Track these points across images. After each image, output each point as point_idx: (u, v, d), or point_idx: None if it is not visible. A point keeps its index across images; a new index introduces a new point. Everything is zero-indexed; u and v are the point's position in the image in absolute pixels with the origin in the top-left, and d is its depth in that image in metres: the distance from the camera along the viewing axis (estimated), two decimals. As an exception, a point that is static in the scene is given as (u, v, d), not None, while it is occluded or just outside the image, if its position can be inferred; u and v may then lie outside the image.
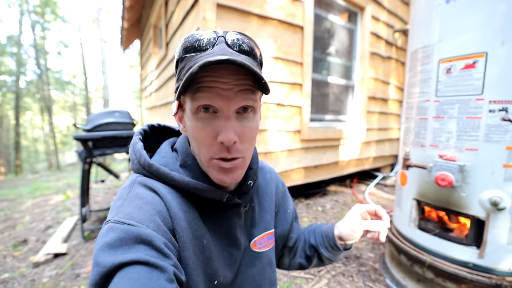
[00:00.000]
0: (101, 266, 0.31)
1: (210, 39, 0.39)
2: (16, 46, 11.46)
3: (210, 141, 0.40)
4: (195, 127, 0.40)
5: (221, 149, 0.40)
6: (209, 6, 1.76)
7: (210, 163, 0.42)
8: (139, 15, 4.74)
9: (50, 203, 3.46)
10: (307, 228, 0.68)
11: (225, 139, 0.38)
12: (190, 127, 0.42)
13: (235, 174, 0.42)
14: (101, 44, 9.66)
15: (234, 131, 0.39)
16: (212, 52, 0.38)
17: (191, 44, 0.40)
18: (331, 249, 0.60)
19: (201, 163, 0.44)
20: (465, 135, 1.03)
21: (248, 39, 0.42)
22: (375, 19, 3.01)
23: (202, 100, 0.38)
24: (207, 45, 0.39)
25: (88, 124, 2.18)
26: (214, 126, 0.39)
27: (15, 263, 1.84)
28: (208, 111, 0.39)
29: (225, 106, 0.39)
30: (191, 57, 0.39)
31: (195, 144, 0.43)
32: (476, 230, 1.05)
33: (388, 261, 1.47)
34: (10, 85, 12.07)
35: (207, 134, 0.40)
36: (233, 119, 0.40)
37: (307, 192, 2.77)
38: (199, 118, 0.40)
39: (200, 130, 0.40)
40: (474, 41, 1.00)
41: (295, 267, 0.67)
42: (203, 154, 0.42)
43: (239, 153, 0.41)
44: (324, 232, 0.62)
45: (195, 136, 0.41)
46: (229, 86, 0.38)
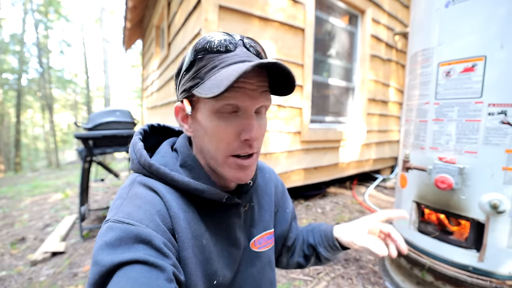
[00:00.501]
0: (101, 265, 0.31)
1: (231, 41, 0.41)
2: (19, 44, 11.51)
3: (232, 139, 0.41)
4: (217, 126, 0.41)
5: (242, 146, 0.42)
6: (211, 7, 1.77)
7: (227, 160, 0.43)
8: (141, 15, 4.76)
9: (49, 201, 3.46)
10: (306, 228, 0.68)
11: (253, 136, 0.41)
12: (208, 127, 0.41)
13: (250, 171, 0.44)
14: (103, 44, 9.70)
15: (257, 128, 0.42)
16: (236, 54, 0.40)
17: (209, 45, 0.40)
18: (330, 248, 0.60)
19: (215, 162, 0.44)
20: (465, 138, 1.04)
21: (255, 43, 0.44)
22: (376, 22, 3.03)
23: (229, 99, 0.39)
24: (229, 46, 0.40)
25: (89, 123, 2.18)
26: (237, 125, 0.41)
27: (13, 261, 1.83)
28: (231, 111, 0.41)
29: (251, 106, 0.41)
30: (213, 57, 0.40)
31: (212, 144, 0.42)
32: (476, 233, 1.05)
33: (388, 263, 1.47)
34: (12, 83, 12.10)
35: (229, 132, 0.41)
36: (254, 118, 0.42)
37: (306, 193, 2.77)
38: (221, 117, 0.40)
39: (222, 129, 0.41)
40: (473, 45, 1.01)
41: (293, 266, 0.67)
42: (221, 152, 0.42)
43: (256, 149, 0.44)
44: (323, 232, 0.62)
45: (215, 135, 0.41)
46: (254, 86, 0.40)
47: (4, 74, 11.87)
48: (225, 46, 0.40)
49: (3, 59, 11.52)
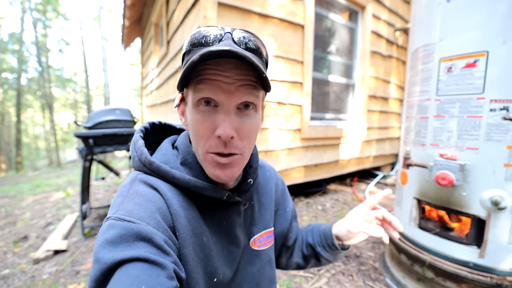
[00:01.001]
0: (102, 263, 0.31)
1: (216, 35, 0.39)
2: (17, 43, 11.47)
3: (208, 134, 0.40)
4: (195, 120, 0.40)
5: (217, 143, 0.40)
6: (210, 4, 1.75)
7: (206, 157, 0.41)
8: (140, 13, 4.73)
9: (50, 200, 3.47)
10: (305, 228, 0.68)
11: (223, 133, 0.38)
12: (190, 120, 0.42)
13: (230, 171, 0.42)
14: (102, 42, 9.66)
15: (233, 126, 0.39)
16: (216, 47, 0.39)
17: (198, 40, 0.40)
18: (329, 248, 0.59)
19: (198, 157, 0.44)
20: (466, 134, 1.03)
21: (254, 37, 0.42)
22: (376, 17, 3.00)
23: (203, 92, 0.38)
24: (213, 41, 0.39)
25: (89, 122, 2.18)
26: (214, 120, 0.39)
27: (16, 259, 1.84)
28: (209, 105, 0.39)
29: (226, 100, 0.38)
30: (197, 50, 0.39)
31: (194, 138, 0.42)
32: (476, 229, 1.04)
33: (388, 260, 1.47)
34: (12, 82, 12.08)
35: (206, 127, 0.40)
36: (233, 114, 0.39)
37: (307, 190, 2.77)
38: (199, 111, 0.40)
39: (200, 123, 0.40)
40: (475, 40, 1.00)
41: (293, 267, 0.67)
42: (200, 147, 0.42)
43: (237, 149, 0.41)
44: (322, 231, 0.62)
45: (194, 129, 0.41)
46: (231, 80, 0.38)
47: (4, 73, 11.85)
48: (208, 40, 0.39)
49: (2, 59, 11.49)
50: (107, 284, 0.31)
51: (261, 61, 0.42)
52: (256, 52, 0.41)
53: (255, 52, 0.41)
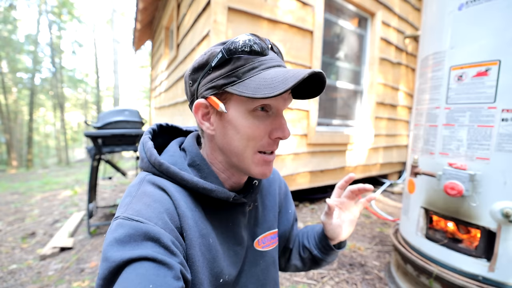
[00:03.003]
0: (110, 261, 0.32)
1: (264, 45, 0.42)
2: (33, 44, 11.86)
3: (262, 137, 0.44)
4: (251, 124, 0.42)
5: (270, 143, 0.45)
6: (220, 9, 1.78)
7: (254, 158, 0.44)
8: (151, 17, 4.84)
9: (58, 197, 3.54)
10: (302, 230, 0.68)
11: (286, 135, 0.44)
12: (243, 125, 0.42)
13: (271, 166, 0.47)
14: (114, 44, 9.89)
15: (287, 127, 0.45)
16: (272, 58, 0.43)
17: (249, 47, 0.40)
18: (324, 249, 0.60)
19: (241, 159, 0.44)
20: (476, 144, 1.01)
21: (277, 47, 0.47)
22: (386, 24, 3.00)
23: (267, 100, 0.41)
24: (263, 50, 0.42)
25: (99, 122, 2.23)
26: (269, 124, 0.44)
27: (23, 255, 1.88)
28: (263, 110, 0.43)
29: (282, 106, 0.44)
30: (252, 58, 0.41)
31: (242, 141, 0.43)
32: (486, 242, 1.02)
33: (394, 270, 1.44)
34: (26, 82, 12.48)
35: (261, 131, 0.43)
36: (283, 117, 0.46)
37: (312, 196, 2.75)
38: (256, 116, 0.42)
39: (256, 128, 0.43)
40: (487, 49, 0.98)
41: (292, 269, 0.68)
42: (250, 149, 0.44)
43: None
44: (316, 234, 0.62)
45: (247, 133, 0.42)
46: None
47: (19, 73, 12.25)
48: (260, 48, 0.41)
49: (18, 59, 11.88)
50: (115, 282, 0.31)
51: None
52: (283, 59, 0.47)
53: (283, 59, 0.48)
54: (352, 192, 0.56)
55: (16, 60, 11.76)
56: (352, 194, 0.57)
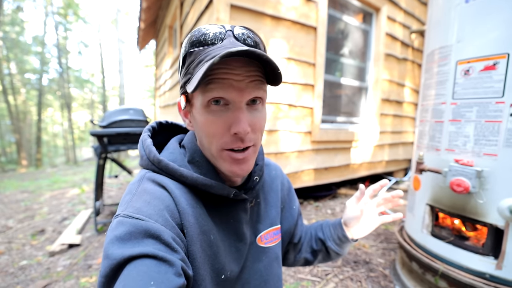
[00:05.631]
0: (111, 259, 0.32)
1: (217, 33, 0.39)
2: (40, 45, 12.06)
3: (222, 133, 0.40)
4: (207, 120, 0.41)
5: (233, 140, 0.41)
6: (223, 7, 1.78)
7: (221, 154, 0.42)
8: (155, 16, 4.86)
9: (66, 196, 3.61)
10: (314, 224, 0.69)
11: (241, 130, 0.39)
12: (200, 121, 0.42)
13: (246, 165, 0.43)
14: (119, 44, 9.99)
15: (247, 121, 0.40)
16: (223, 45, 0.38)
17: (197, 38, 0.40)
18: (339, 241, 0.62)
19: (211, 156, 0.44)
20: (484, 140, 0.99)
21: (253, 34, 0.42)
22: (391, 19, 2.95)
23: (214, 92, 0.38)
24: (215, 39, 0.39)
25: (104, 121, 2.25)
26: (227, 118, 0.40)
27: (33, 252, 1.93)
28: (218, 104, 0.40)
29: (238, 98, 0.39)
30: (200, 51, 0.39)
31: (206, 138, 0.42)
32: (493, 239, 1.00)
33: (399, 267, 1.43)
34: (34, 83, 12.72)
35: (219, 126, 0.40)
36: (245, 110, 0.40)
37: (317, 194, 2.74)
38: (210, 111, 0.40)
39: (212, 123, 0.40)
40: (495, 42, 0.96)
41: (301, 263, 0.68)
42: (214, 146, 0.42)
43: (251, 141, 0.43)
44: (332, 225, 0.64)
45: (206, 130, 0.41)
46: (241, 77, 0.38)
47: (27, 74, 12.48)
48: (212, 38, 0.39)
49: (26, 60, 12.10)
50: (116, 280, 0.32)
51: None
52: (257, 47, 0.42)
53: (256, 47, 0.42)
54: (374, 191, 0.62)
55: (24, 61, 11.98)
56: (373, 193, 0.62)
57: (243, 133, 0.39)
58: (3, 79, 10.80)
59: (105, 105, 13.81)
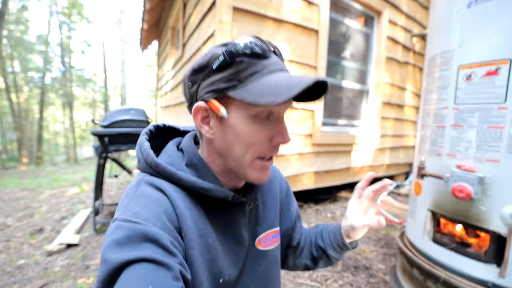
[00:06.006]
0: (109, 263, 0.32)
1: (266, 48, 0.41)
2: (44, 44, 12.14)
3: (263, 142, 0.43)
4: (253, 130, 0.42)
5: (270, 149, 0.44)
6: (226, 9, 1.78)
7: (253, 163, 0.44)
8: (158, 17, 4.89)
9: (66, 194, 3.61)
10: (313, 229, 0.67)
11: (287, 141, 0.44)
12: (242, 131, 0.41)
13: (269, 171, 0.47)
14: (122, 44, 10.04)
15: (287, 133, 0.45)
16: (274, 62, 0.42)
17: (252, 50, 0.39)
18: (339, 249, 0.60)
19: (240, 165, 0.44)
20: (486, 145, 0.98)
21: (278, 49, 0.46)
22: (393, 23, 2.95)
23: (270, 106, 0.41)
24: (266, 53, 0.41)
25: (105, 121, 2.26)
26: (270, 129, 0.43)
27: (31, 251, 1.92)
28: (264, 115, 0.42)
29: (283, 112, 0.44)
30: (255, 62, 0.40)
31: (241, 147, 0.42)
32: (496, 246, 0.98)
33: (400, 274, 1.41)
34: (37, 81, 12.79)
35: (263, 136, 0.43)
36: (284, 122, 0.45)
37: (317, 197, 2.73)
38: (257, 122, 0.42)
39: (257, 134, 0.42)
40: (497, 47, 0.95)
41: (301, 268, 0.67)
42: (249, 155, 0.43)
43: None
44: (331, 233, 0.61)
45: (247, 139, 0.42)
46: None
47: (30, 72, 12.55)
48: (263, 51, 0.40)
49: (29, 59, 12.18)
50: (114, 285, 0.31)
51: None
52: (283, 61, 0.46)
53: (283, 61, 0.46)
54: (373, 192, 0.56)
55: (28, 59, 12.06)
56: (372, 194, 0.56)
57: (287, 143, 0.44)
58: (7, 77, 10.87)
59: (106, 105, 13.86)
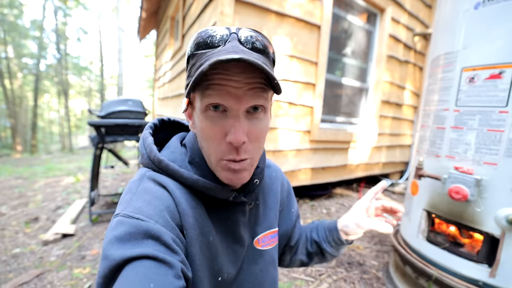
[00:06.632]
0: (110, 259, 0.32)
1: (222, 36, 0.38)
2: (38, 30, 11.81)
3: (219, 140, 0.39)
4: (204, 126, 0.40)
5: (230, 149, 0.39)
6: (228, 1, 1.74)
7: (219, 163, 0.41)
8: (157, 5, 4.77)
9: (61, 184, 3.58)
10: (309, 225, 0.68)
11: (234, 140, 0.37)
12: (199, 126, 0.41)
13: (242, 175, 0.42)
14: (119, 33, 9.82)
15: (243, 131, 0.38)
16: (224, 49, 0.37)
17: (204, 40, 0.38)
18: (334, 243, 0.61)
19: (210, 162, 0.43)
20: (485, 148, 0.99)
21: (262, 37, 0.40)
22: (395, 21, 2.92)
23: (211, 98, 0.37)
24: (219, 41, 0.38)
25: (102, 111, 2.22)
26: (223, 126, 0.39)
27: (26, 240, 1.91)
28: (217, 110, 0.38)
29: (235, 105, 0.37)
30: (202, 54, 0.38)
31: (204, 143, 0.42)
32: (489, 247, 1.01)
33: (392, 270, 1.44)
34: (31, 68, 12.49)
35: (216, 133, 0.39)
36: (243, 119, 0.38)
37: (312, 193, 2.75)
38: (208, 117, 0.39)
39: (209, 129, 0.39)
40: (502, 51, 0.95)
41: (296, 264, 0.68)
42: (212, 153, 0.41)
43: (248, 153, 0.41)
44: (327, 227, 0.63)
45: (204, 135, 0.41)
46: (239, 84, 0.37)
47: (24, 58, 12.24)
48: (214, 41, 0.37)
49: (23, 44, 11.86)
50: (115, 281, 0.31)
51: (269, 61, 0.41)
52: (263, 52, 0.40)
53: (262, 52, 0.39)
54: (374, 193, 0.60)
55: (22, 45, 11.74)
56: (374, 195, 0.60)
57: (237, 142, 0.38)
58: (0, 62, 10.59)
59: (102, 94, 13.64)
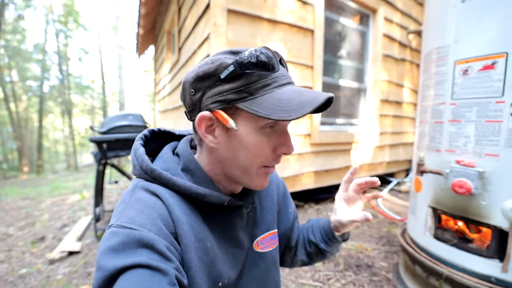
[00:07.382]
0: (104, 270, 0.32)
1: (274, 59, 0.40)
2: (41, 53, 12.18)
3: (269, 152, 0.44)
4: (259, 141, 0.43)
5: (276, 158, 0.46)
6: (220, 11, 1.78)
7: (259, 171, 0.45)
8: (154, 22, 4.90)
9: (67, 202, 3.60)
10: (305, 225, 0.69)
11: (289, 151, 0.45)
12: (249, 141, 0.42)
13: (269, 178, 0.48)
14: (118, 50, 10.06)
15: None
16: (283, 74, 0.42)
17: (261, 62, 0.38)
18: (330, 242, 0.62)
19: (244, 173, 0.45)
20: (485, 140, 0.98)
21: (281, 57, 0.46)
22: (388, 20, 2.95)
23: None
24: (274, 65, 0.40)
25: (103, 127, 2.25)
26: (274, 140, 0.44)
27: (33, 259, 1.91)
28: (270, 127, 0.43)
29: (287, 123, 0.45)
30: (266, 75, 0.40)
31: (248, 157, 0.43)
32: (498, 241, 0.98)
33: (402, 271, 1.41)
34: (35, 90, 12.81)
35: (269, 147, 0.44)
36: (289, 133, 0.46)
37: (317, 197, 2.72)
38: (265, 133, 0.43)
39: (264, 144, 0.43)
40: (493, 41, 0.95)
41: (298, 264, 0.68)
42: (256, 164, 0.44)
43: None
44: (322, 227, 0.64)
45: (254, 150, 0.43)
46: None
47: (28, 81, 12.58)
48: (272, 64, 0.39)
49: (27, 67, 12.20)
50: None
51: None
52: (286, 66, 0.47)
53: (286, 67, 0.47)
54: (358, 186, 0.58)
55: (26, 68, 12.09)
56: (358, 188, 0.58)
57: (291, 153, 0.45)
58: (5, 86, 10.88)
59: (105, 111, 13.86)
